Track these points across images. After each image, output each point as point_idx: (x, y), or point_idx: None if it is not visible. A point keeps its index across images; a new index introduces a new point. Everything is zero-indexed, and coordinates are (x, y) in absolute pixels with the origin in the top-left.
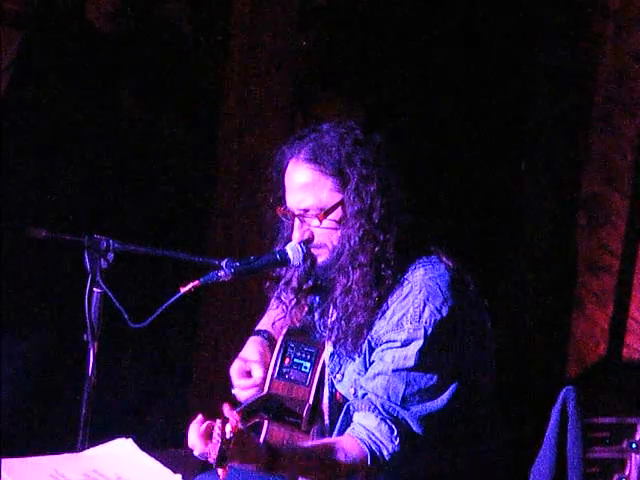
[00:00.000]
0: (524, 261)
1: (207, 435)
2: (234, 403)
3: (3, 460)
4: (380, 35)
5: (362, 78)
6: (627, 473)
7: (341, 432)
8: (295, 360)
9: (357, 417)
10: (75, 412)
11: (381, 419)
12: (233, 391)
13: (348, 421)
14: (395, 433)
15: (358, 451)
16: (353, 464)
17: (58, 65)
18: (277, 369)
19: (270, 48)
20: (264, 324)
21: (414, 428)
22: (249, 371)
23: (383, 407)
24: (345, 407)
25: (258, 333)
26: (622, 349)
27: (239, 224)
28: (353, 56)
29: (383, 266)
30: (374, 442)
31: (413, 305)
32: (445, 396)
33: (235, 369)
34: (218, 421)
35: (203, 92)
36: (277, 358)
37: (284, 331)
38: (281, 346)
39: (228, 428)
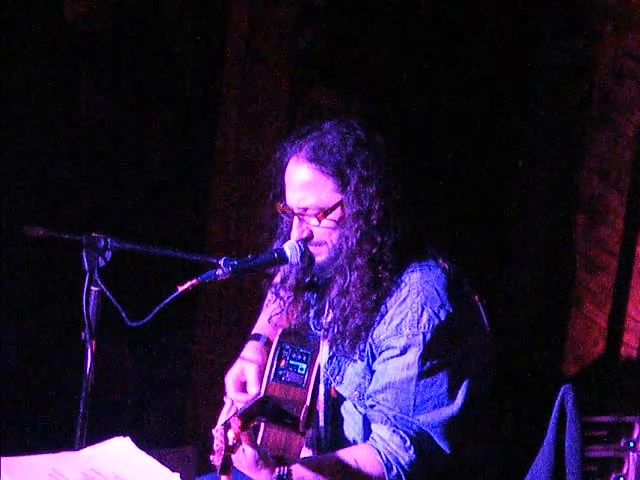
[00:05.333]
0: (522, 260)
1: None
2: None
3: (2, 459)
4: (378, 35)
5: (361, 76)
6: (625, 472)
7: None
8: (291, 362)
9: (373, 427)
10: (73, 411)
11: (393, 431)
12: (225, 399)
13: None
14: (408, 443)
15: (374, 463)
16: (368, 476)
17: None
18: (273, 371)
19: (268, 48)
20: (261, 327)
21: (435, 437)
22: (244, 382)
23: (395, 418)
24: (363, 417)
25: (257, 338)
26: (620, 348)
27: (237, 223)
28: (351, 54)
29: (380, 268)
30: (390, 453)
31: (411, 310)
32: (459, 400)
33: (231, 378)
34: (220, 427)
35: (201, 91)
36: (273, 360)
37: (279, 332)
38: (276, 348)
39: (231, 434)
